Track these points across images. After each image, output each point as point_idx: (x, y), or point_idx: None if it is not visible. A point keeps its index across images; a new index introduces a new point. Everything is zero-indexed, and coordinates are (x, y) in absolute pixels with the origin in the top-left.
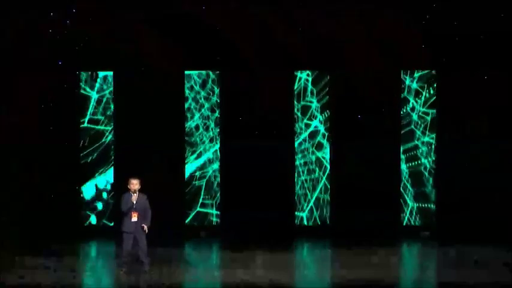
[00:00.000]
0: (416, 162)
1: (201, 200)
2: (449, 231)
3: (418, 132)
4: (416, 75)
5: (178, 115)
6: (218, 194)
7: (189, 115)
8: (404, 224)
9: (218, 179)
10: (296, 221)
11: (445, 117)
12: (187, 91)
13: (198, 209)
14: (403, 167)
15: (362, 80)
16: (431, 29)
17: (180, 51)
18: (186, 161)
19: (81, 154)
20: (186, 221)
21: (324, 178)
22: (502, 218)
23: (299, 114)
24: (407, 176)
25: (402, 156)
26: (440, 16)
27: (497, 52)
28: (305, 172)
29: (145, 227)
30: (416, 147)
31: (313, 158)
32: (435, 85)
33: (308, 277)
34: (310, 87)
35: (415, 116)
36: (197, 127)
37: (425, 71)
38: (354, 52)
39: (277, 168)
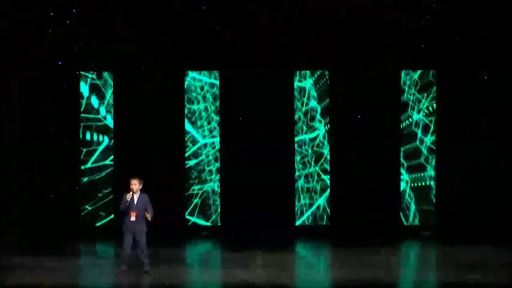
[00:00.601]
0: (416, 163)
1: (196, 216)
2: (449, 231)
3: (419, 134)
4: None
5: (178, 115)
6: (217, 211)
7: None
8: (404, 224)
9: (218, 202)
10: (296, 221)
11: (445, 118)
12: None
13: (195, 219)
14: (404, 166)
15: (362, 80)
16: (431, 29)
17: (180, 51)
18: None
19: (81, 154)
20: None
21: (323, 196)
22: (502, 218)
23: (307, 138)
24: (407, 177)
25: (402, 153)
26: (440, 16)
27: (497, 52)
28: (305, 187)
29: (148, 214)
30: (416, 148)
31: (316, 176)
32: (435, 86)
33: (308, 277)
34: (318, 117)
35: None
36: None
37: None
38: (354, 52)
39: (277, 169)
